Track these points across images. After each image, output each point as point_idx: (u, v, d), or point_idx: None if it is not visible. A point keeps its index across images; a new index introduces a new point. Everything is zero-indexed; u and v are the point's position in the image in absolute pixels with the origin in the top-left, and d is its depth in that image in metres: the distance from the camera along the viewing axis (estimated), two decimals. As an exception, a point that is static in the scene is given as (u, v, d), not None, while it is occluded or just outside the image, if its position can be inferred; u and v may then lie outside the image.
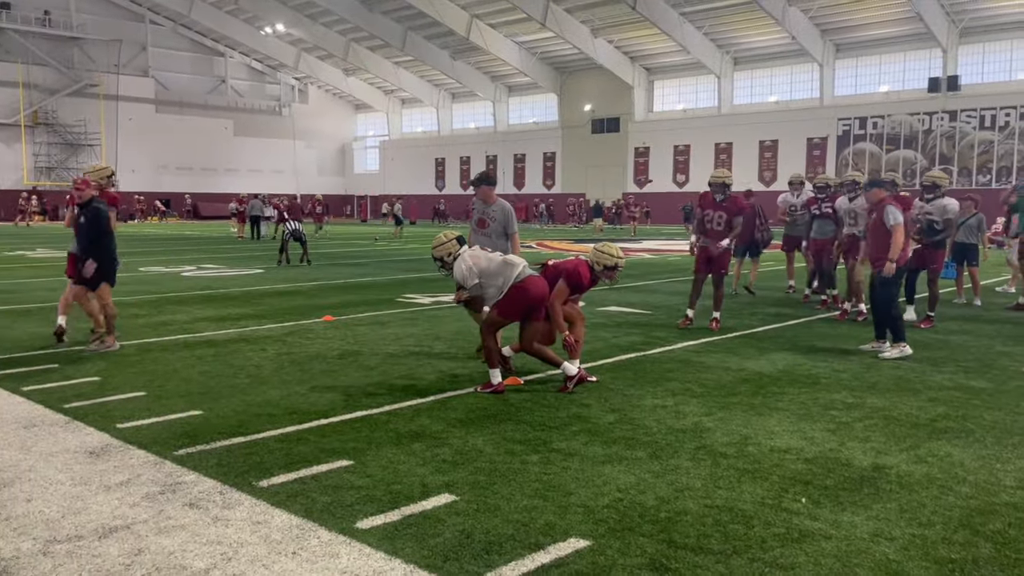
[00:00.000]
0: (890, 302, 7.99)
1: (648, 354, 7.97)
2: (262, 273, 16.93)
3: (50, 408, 5.82)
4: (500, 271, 6.51)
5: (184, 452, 4.81)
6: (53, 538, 3.62)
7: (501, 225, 7.90)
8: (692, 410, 5.79)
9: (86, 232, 8.26)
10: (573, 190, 54.64)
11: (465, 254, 6.64)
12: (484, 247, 7.32)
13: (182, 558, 3.42)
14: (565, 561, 3.36)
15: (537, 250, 25.80)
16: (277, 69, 65.09)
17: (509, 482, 4.30)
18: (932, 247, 9.99)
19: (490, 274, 6.51)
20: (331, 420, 5.51)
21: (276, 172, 65.14)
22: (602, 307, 11.44)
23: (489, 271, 6.51)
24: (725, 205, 9.37)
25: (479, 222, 7.95)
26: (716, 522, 3.77)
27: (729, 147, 47.94)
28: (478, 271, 6.50)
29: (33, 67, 52.99)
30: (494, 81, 58.54)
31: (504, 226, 7.91)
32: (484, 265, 6.54)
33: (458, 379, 6.78)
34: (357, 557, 3.42)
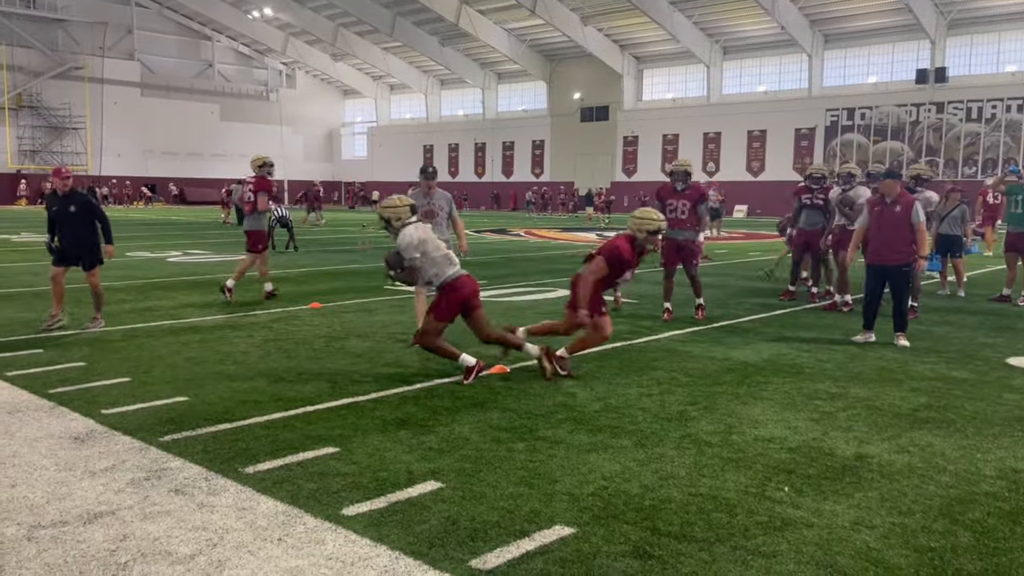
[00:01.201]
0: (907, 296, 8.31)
1: (634, 343, 8.00)
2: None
3: (34, 393, 5.79)
4: (441, 262, 6.48)
5: (169, 438, 4.80)
6: (37, 523, 3.61)
7: (446, 212, 8.61)
8: (677, 399, 5.82)
9: (81, 220, 8.25)
10: (562, 178, 54.61)
11: (419, 225, 6.58)
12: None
13: (167, 544, 3.43)
14: (550, 548, 3.39)
15: (525, 239, 25.81)
16: (264, 54, 64.58)
17: (495, 469, 4.32)
18: None
19: (431, 259, 6.45)
20: (317, 407, 5.51)
21: (263, 158, 64.68)
22: (589, 296, 11.45)
23: (431, 255, 6.45)
24: (687, 193, 9.33)
25: (427, 214, 8.37)
26: (700, 510, 3.80)
27: (718, 137, 48.00)
28: (423, 248, 6.41)
29: (17, 49, 52.35)
30: (483, 68, 58.32)
31: (448, 212, 8.65)
32: (431, 247, 6.47)
33: (445, 367, 6.78)
34: (343, 543, 3.43)
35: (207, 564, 3.24)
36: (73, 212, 8.24)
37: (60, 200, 8.27)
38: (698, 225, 9.41)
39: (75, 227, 8.29)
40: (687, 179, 9.32)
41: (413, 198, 8.61)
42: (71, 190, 8.31)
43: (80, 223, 8.31)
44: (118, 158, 56.84)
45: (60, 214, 8.25)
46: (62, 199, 8.27)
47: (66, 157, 54.83)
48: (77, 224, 8.29)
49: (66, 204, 8.25)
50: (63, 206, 8.25)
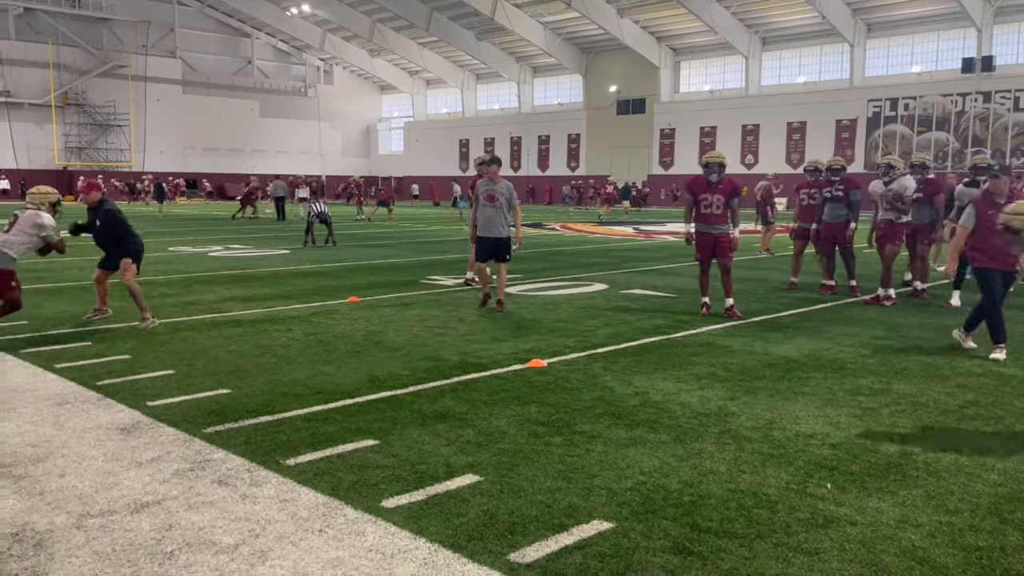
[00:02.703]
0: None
1: (672, 337, 7.94)
2: (288, 254, 17.06)
3: (82, 385, 5.93)
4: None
5: (213, 430, 4.88)
6: (86, 512, 3.70)
7: (507, 199, 9.62)
8: (716, 394, 5.77)
9: (104, 234, 8.44)
10: (598, 172, 54.38)
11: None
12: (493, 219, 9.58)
13: (211, 534, 3.49)
14: (589, 543, 3.38)
15: (560, 232, 25.75)
16: (303, 50, 65.26)
17: (532, 464, 4.33)
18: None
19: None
20: (356, 400, 5.57)
21: (302, 153, 65.48)
22: (626, 290, 11.41)
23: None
24: (721, 187, 9.12)
25: (488, 197, 9.56)
26: (740, 506, 3.76)
27: (756, 129, 47.41)
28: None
29: (63, 48, 53.58)
30: (519, 62, 58.27)
31: (509, 200, 9.64)
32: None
33: (482, 361, 6.81)
34: (383, 535, 3.46)
35: (250, 554, 3.29)
36: (99, 227, 8.42)
37: (90, 212, 8.49)
38: (733, 219, 9.27)
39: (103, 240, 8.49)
40: (721, 172, 9.15)
41: (481, 184, 9.82)
42: (97, 203, 8.43)
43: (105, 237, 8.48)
44: (160, 154, 57.90)
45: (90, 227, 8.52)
46: (92, 211, 8.48)
47: (110, 154, 56.04)
48: (103, 238, 8.48)
49: (94, 217, 8.45)
50: (91, 219, 8.49)
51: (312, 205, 19.96)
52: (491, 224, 9.60)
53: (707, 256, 9.28)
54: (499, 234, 9.60)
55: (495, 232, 9.60)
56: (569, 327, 8.41)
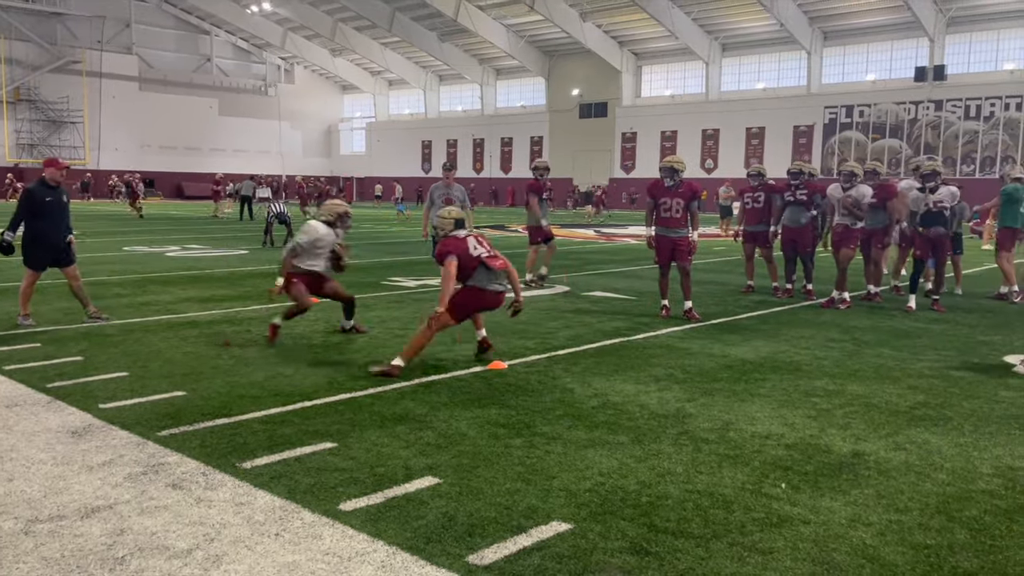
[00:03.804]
0: None
1: (632, 340, 8.00)
2: (247, 254, 16.83)
3: (32, 388, 5.79)
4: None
5: (167, 433, 4.79)
6: (35, 517, 3.61)
7: (461, 202, 10.51)
8: (675, 396, 5.83)
9: (67, 212, 8.25)
10: (560, 175, 54.55)
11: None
12: None
13: (164, 538, 3.43)
14: (547, 544, 3.39)
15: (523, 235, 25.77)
16: (263, 48, 64.49)
17: (492, 465, 4.33)
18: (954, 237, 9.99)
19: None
20: (315, 402, 5.51)
21: (262, 152, 64.70)
22: (587, 292, 11.47)
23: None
24: (680, 191, 9.23)
25: (447, 200, 10.38)
26: (697, 506, 3.81)
27: (716, 133, 48.00)
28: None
29: (15, 42, 52.26)
30: (482, 64, 58.27)
31: (463, 202, 10.58)
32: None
33: (442, 363, 6.79)
34: (340, 538, 3.43)
35: (204, 559, 3.24)
36: (66, 202, 8.22)
37: (53, 191, 8.18)
38: (692, 223, 9.37)
39: (65, 219, 8.24)
40: (674, 176, 9.23)
41: (435, 188, 10.71)
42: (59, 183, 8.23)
43: (67, 215, 8.28)
44: (116, 152, 56.76)
45: (54, 205, 8.14)
46: (54, 189, 8.18)
47: (64, 151, 54.76)
48: (66, 216, 8.25)
49: (59, 195, 8.20)
50: (57, 196, 8.19)
51: (271, 205, 19.72)
52: None
53: (666, 259, 9.37)
54: None
55: None
56: (530, 329, 8.43)
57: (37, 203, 8.07)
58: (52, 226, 8.15)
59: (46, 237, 8.12)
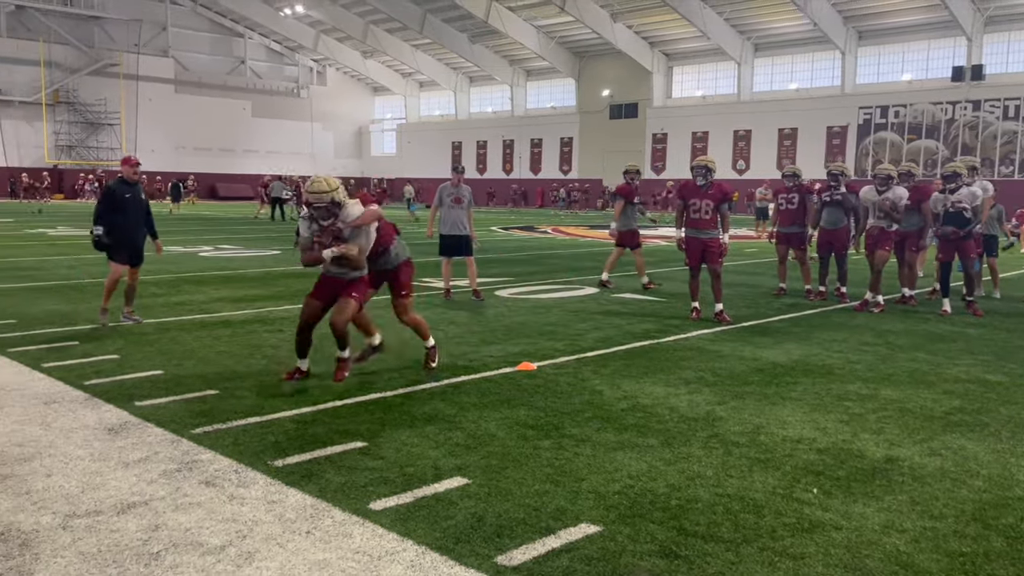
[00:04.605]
0: None
1: (662, 342, 7.96)
2: (279, 255, 17.01)
3: (70, 385, 5.90)
4: None
5: (201, 431, 4.86)
6: (73, 512, 3.69)
7: (468, 201, 10.71)
8: (705, 399, 5.79)
9: (146, 210, 8.43)
10: (590, 176, 54.47)
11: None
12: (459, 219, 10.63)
13: (198, 535, 3.48)
14: (576, 546, 3.39)
15: (552, 236, 25.78)
16: (296, 51, 65.11)
17: (521, 466, 4.33)
18: (966, 237, 9.80)
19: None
20: (346, 402, 5.56)
21: (294, 154, 65.28)
22: (617, 294, 11.43)
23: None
24: (710, 193, 9.17)
25: (455, 199, 10.61)
26: (727, 510, 3.78)
27: (748, 134, 47.58)
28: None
29: (54, 46, 53.27)
30: (512, 65, 58.30)
31: (470, 202, 10.77)
32: None
33: (472, 364, 6.81)
34: (370, 537, 3.46)
35: (237, 555, 3.29)
36: (145, 200, 8.39)
37: (131, 188, 8.34)
38: (723, 225, 9.30)
39: (141, 216, 8.40)
40: (707, 175, 9.19)
41: (443, 188, 10.78)
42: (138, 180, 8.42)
43: (144, 213, 8.44)
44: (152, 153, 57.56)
45: (132, 202, 8.29)
46: (133, 187, 8.36)
47: (101, 152, 55.76)
48: (143, 213, 8.42)
49: (137, 192, 8.37)
50: (135, 194, 8.35)
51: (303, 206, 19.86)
52: (457, 224, 10.62)
53: (696, 261, 9.32)
54: (463, 232, 10.66)
55: (460, 230, 10.66)
56: (559, 331, 8.43)
57: (117, 200, 8.28)
58: (130, 223, 8.35)
59: (124, 232, 8.32)
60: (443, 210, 10.69)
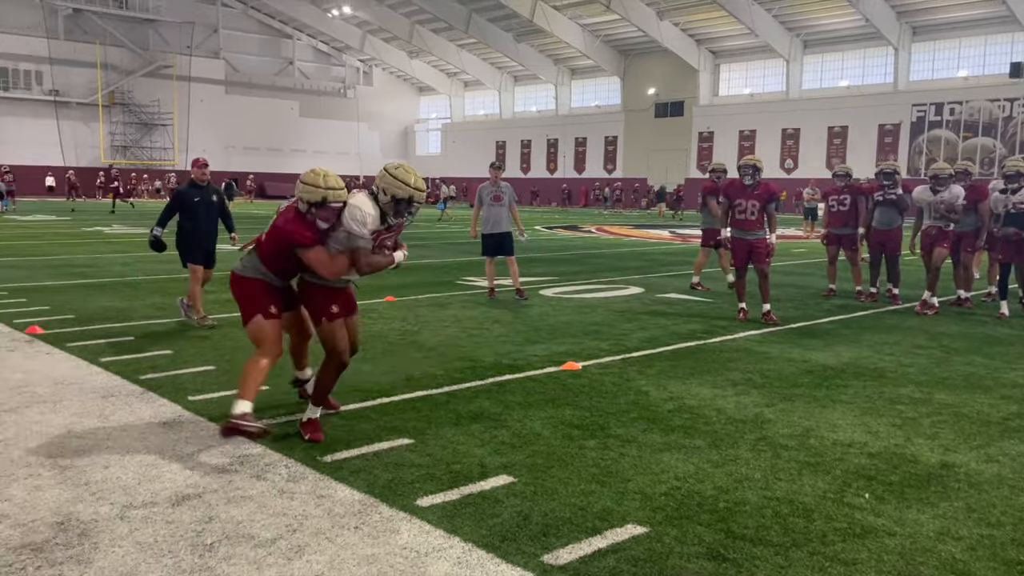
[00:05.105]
0: None
1: (709, 343, 7.89)
2: (326, 253, 17.21)
3: (126, 379, 6.06)
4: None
5: (251, 426, 4.94)
6: (130, 503, 3.79)
7: (509, 199, 10.66)
8: (753, 400, 5.72)
9: (220, 209, 8.48)
10: (635, 175, 54.17)
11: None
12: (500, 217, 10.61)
13: (250, 527, 3.55)
14: (622, 546, 3.38)
15: (596, 235, 25.70)
16: (343, 51, 65.89)
17: (566, 466, 4.33)
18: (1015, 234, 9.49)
19: None
20: (392, 399, 5.62)
21: (341, 153, 66.07)
22: (662, 294, 11.35)
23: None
24: (757, 193, 9.03)
25: (495, 197, 10.61)
26: (776, 514, 3.73)
27: (796, 133, 46.85)
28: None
29: (110, 48, 54.71)
30: (557, 64, 58.24)
31: (511, 199, 10.70)
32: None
33: (516, 363, 6.82)
34: (417, 533, 3.49)
35: (287, 548, 3.35)
36: (216, 201, 8.42)
37: (201, 190, 8.37)
38: (770, 225, 9.16)
39: (212, 218, 8.42)
40: (755, 175, 9.06)
41: (483, 188, 10.74)
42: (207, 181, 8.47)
43: (216, 214, 8.46)
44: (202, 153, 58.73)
45: (201, 204, 8.30)
46: (202, 189, 8.38)
47: (154, 152, 57.10)
48: (214, 215, 8.44)
49: (208, 194, 8.40)
50: (206, 195, 8.37)
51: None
52: (499, 222, 10.66)
53: (742, 262, 9.21)
54: (505, 230, 10.70)
55: (501, 228, 10.69)
56: (604, 330, 8.40)
57: (186, 203, 8.33)
58: (201, 226, 8.33)
59: (195, 236, 8.33)
60: (484, 209, 10.71)
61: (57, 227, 24.84)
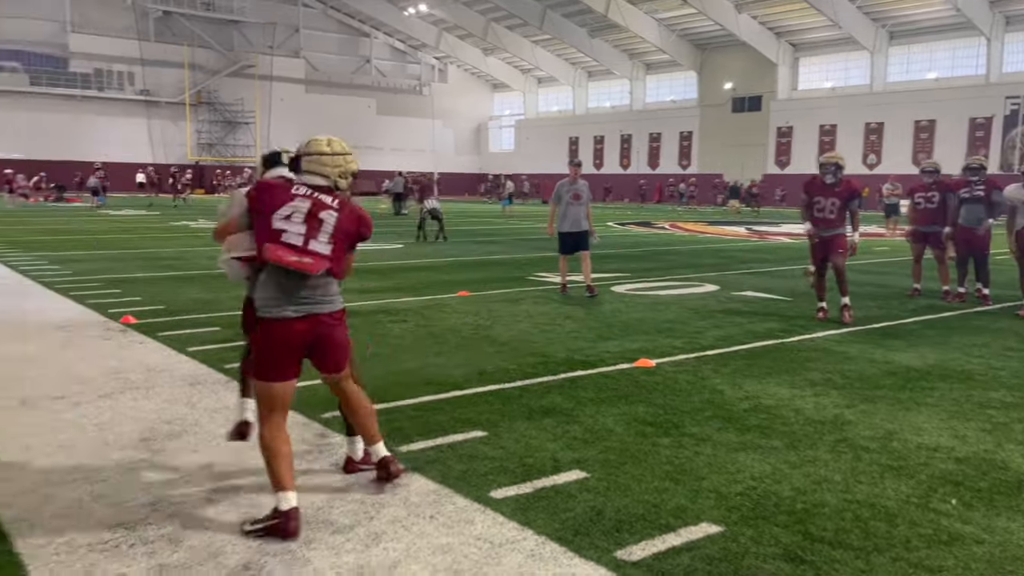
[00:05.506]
0: None
1: (786, 342, 7.72)
2: (402, 248, 17.51)
3: (211, 367, 6.29)
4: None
5: (330, 415, 5.07)
6: (216, 487, 3.94)
7: (587, 197, 10.71)
8: (832, 401, 5.58)
9: None
10: (711, 170, 53.28)
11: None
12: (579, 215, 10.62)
13: (328, 513, 3.65)
14: (697, 545, 3.35)
15: (670, 231, 25.40)
16: (418, 49, 66.73)
17: (640, 463, 4.31)
18: None
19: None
20: (465, 392, 5.68)
21: (416, 151, 66.95)
22: (738, 292, 11.16)
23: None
24: (837, 190, 8.73)
25: (575, 195, 10.62)
26: (856, 517, 3.64)
27: (880, 127, 45.33)
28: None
29: (197, 49, 56.70)
30: (631, 59, 57.74)
31: (588, 198, 10.76)
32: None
33: (589, 359, 6.81)
34: (491, 525, 3.53)
35: (365, 535, 3.43)
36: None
37: None
38: (851, 223, 8.89)
39: None
40: (837, 173, 8.80)
41: (561, 185, 10.62)
42: None
43: None
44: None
45: None
46: None
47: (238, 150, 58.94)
48: None
49: None
50: None
51: (425, 201, 20.42)
52: (577, 220, 10.69)
53: (821, 260, 8.98)
54: (583, 228, 10.73)
55: (580, 227, 10.70)
56: (677, 328, 8.31)
57: None
58: None
59: None
60: (562, 207, 10.73)
61: (146, 222, 25.92)
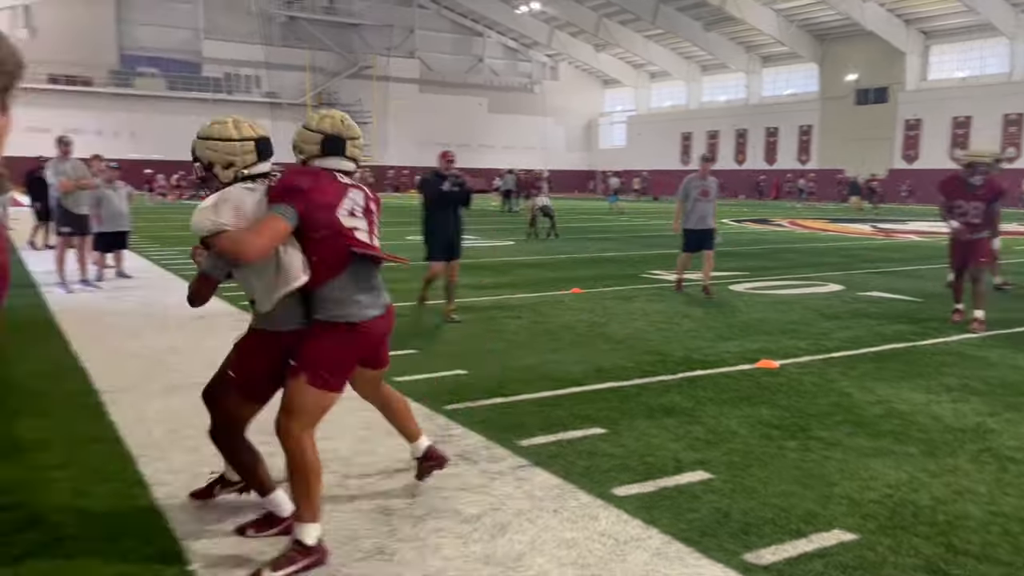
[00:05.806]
0: None
1: (918, 345, 7.35)
2: (513, 245, 17.67)
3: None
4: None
5: (452, 407, 5.20)
6: (348, 474, 4.10)
7: (715, 194, 10.43)
8: (973, 408, 5.28)
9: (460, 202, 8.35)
10: (831, 165, 51.20)
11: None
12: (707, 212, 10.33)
13: (455, 503, 3.74)
14: (830, 552, 3.25)
15: (789, 229, 24.58)
16: (530, 47, 67.04)
17: (766, 466, 4.21)
18: None
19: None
20: (584, 388, 5.69)
21: (527, 148, 67.31)
22: (864, 292, 10.70)
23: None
24: (980, 193, 8.09)
25: (703, 192, 10.32)
26: (1004, 531, 3.44)
27: (1020, 119, 42.39)
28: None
29: (318, 52, 58.89)
30: (748, 52, 56.11)
31: (716, 195, 10.50)
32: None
33: (708, 359, 6.69)
34: (615, 522, 3.53)
35: (491, 526, 3.50)
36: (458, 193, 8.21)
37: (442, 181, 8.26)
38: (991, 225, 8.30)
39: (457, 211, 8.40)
40: (987, 174, 8.21)
41: (690, 180, 10.37)
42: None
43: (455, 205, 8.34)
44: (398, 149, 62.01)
45: (456, 197, 8.22)
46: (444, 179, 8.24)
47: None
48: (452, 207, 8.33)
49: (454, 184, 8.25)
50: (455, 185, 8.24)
51: (536, 199, 20.53)
52: (704, 217, 10.43)
53: (961, 263, 8.46)
54: (710, 226, 10.46)
55: (706, 224, 10.43)
56: (801, 328, 8.05)
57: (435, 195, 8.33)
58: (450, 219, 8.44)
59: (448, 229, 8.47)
60: (689, 203, 10.43)
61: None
